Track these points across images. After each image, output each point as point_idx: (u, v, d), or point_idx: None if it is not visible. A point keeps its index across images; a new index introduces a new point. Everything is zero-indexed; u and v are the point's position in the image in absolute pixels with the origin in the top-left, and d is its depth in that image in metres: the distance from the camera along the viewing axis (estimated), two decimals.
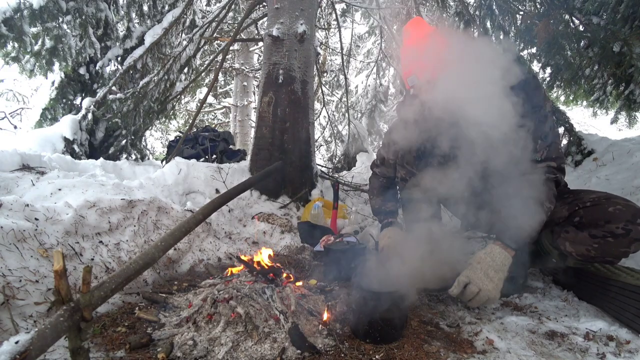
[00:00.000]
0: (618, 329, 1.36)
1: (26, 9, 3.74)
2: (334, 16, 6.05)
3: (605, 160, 2.88)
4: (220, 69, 4.42)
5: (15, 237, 1.34)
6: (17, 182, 1.98)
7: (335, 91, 8.91)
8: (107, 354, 1.12)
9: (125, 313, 1.38)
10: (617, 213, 1.39)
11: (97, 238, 1.66)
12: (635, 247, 1.37)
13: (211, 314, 1.27)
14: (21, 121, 8.56)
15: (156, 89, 4.17)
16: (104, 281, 1.03)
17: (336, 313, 1.42)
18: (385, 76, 7.76)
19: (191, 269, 1.93)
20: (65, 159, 2.73)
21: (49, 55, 4.14)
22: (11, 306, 1.18)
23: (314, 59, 3.16)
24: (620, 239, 1.37)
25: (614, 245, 1.38)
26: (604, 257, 1.43)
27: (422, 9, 5.53)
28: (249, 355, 1.16)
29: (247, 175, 2.97)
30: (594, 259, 1.45)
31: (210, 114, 12.72)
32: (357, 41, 9.05)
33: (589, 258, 1.46)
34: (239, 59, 9.96)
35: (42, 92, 10.51)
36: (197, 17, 4.97)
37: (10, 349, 0.76)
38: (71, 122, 3.77)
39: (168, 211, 2.07)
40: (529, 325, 1.42)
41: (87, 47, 4.46)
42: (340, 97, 7.94)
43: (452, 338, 1.31)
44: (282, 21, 2.94)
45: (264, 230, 2.48)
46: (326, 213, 2.71)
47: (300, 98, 2.98)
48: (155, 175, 2.69)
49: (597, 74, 3.19)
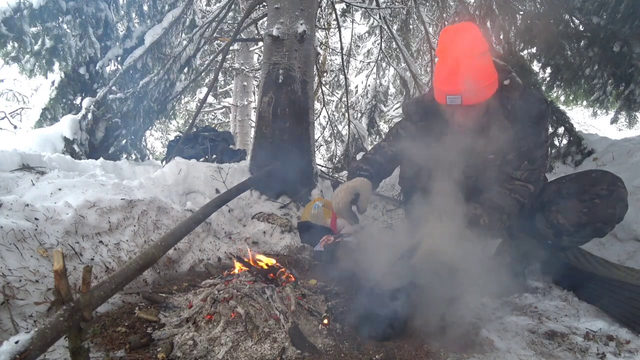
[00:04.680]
0: (618, 329, 1.36)
1: (26, 8, 3.73)
2: (334, 16, 6.05)
3: (605, 160, 2.88)
4: (220, 69, 4.42)
5: (15, 237, 1.34)
6: (17, 182, 1.98)
7: (335, 91, 8.90)
8: (107, 354, 1.12)
9: (125, 313, 1.38)
10: (599, 177, 1.56)
11: (97, 238, 1.66)
12: (620, 208, 1.50)
13: (211, 314, 1.27)
14: (21, 121, 8.57)
15: (156, 89, 4.17)
16: (104, 281, 1.03)
17: (337, 313, 1.42)
18: (385, 76, 7.75)
19: (191, 269, 1.93)
20: (65, 158, 2.73)
21: (49, 55, 4.13)
22: (11, 306, 1.18)
23: (314, 59, 3.16)
24: (605, 199, 1.50)
25: (600, 206, 1.50)
26: (595, 223, 1.53)
27: (422, 8, 5.53)
28: (249, 355, 1.16)
29: (247, 175, 2.97)
30: (586, 227, 1.55)
31: (210, 114, 12.71)
32: (357, 41, 9.04)
33: (581, 226, 1.55)
34: (239, 59, 9.95)
35: (42, 92, 10.48)
36: (197, 17, 4.97)
37: (10, 349, 0.76)
38: (71, 122, 3.77)
39: (168, 211, 2.07)
40: (529, 325, 1.42)
41: (87, 47, 4.45)
42: (340, 97, 7.94)
43: (452, 338, 1.31)
44: (282, 21, 2.94)
45: (264, 230, 2.48)
46: (326, 213, 2.71)
47: (300, 98, 2.98)
48: (155, 175, 2.69)
49: (597, 74, 3.18)
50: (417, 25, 6.13)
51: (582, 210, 1.54)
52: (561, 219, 1.59)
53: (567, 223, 1.58)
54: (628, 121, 3.36)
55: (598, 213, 1.51)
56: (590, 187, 1.54)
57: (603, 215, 1.51)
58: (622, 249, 2.10)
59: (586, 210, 1.53)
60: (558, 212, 1.61)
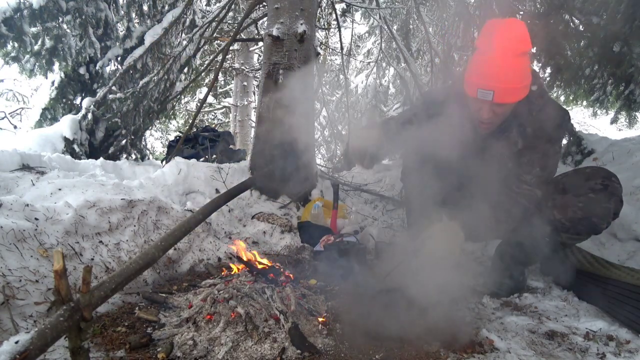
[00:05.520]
0: (618, 329, 1.36)
1: (26, 8, 3.73)
2: (334, 16, 6.05)
3: (605, 160, 2.88)
4: (220, 69, 4.41)
5: (15, 237, 1.34)
6: (17, 182, 1.98)
7: (335, 91, 8.90)
8: (107, 354, 1.12)
9: (125, 313, 1.38)
10: (593, 172, 1.58)
11: (97, 238, 1.66)
12: (615, 202, 1.51)
13: (211, 314, 1.27)
14: (21, 121, 8.56)
15: (156, 89, 4.17)
16: (104, 281, 1.03)
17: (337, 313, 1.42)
18: (385, 76, 7.75)
19: (191, 269, 1.93)
20: (65, 158, 2.73)
21: (49, 55, 4.14)
22: (11, 306, 1.18)
23: (314, 59, 3.16)
24: (599, 194, 1.51)
25: (595, 201, 1.51)
26: (590, 218, 1.53)
27: (422, 8, 5.53)
28: (249, 355, 1.16)
29: (247, 175, 2.97)
30: (581, 222, 1.55)
31: (210, 114, 12.71)
32: (357, 41, 9.04)
33: (576, 221, 1.56)
34: (239, 59, 9.95)
35: (42, 92, 10.48)
36: (197, 17, 4.96)
37: (10, 349, 0.76)
38: (71, 122, 3.77)
39: (168, 211, 2.07)
40: (529, 325, 1.42)
41: (87, 47, 4.45)
42: (340, 97, 7.94)
43: (452, 338, 1.31)
44: (282, 21, 2.93)
45: (264, 230, 2.48)
46: (326, 213, 2.71)
47: (300, 98, 2.97)
48: (155, 175, 2.68)
49: (597, 74, 3.18)
50: (417, 25, 6.13)
51: (577, 205, 1.55)
52: (557, 215, 1.60)
53: (562, 218, 1.59)
54: (628, 121, 3.36)
55: (593, 207, 1.52)
56: (585, 182, 1.56)
57: (598, 211, 1.52)
58: (622, 249, 2.10)
59: (581, 204, 1.54)
60: (554, 207, 1.62)
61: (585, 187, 1.55)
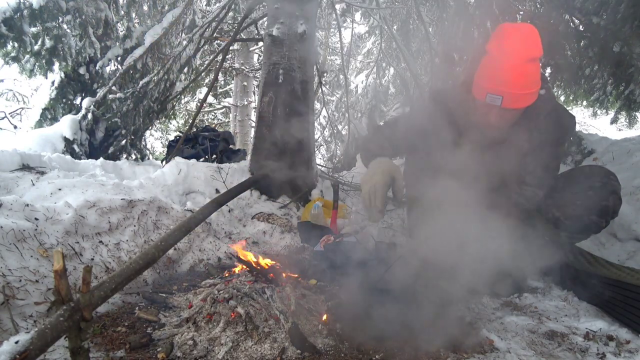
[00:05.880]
0: (618, 329, 1.36)
1: (26, 8, 3.73)
2: (334, 16, 6.05)
3: (605, 160, 2.88)
4: (220, 69, 4.42)
5: (15, 237, 1.34)
6: (17, 182, 1.98)
7: (335, 91, 8.90)
8: (107, 354, 1.12)
9: (125, 313, 1.38)
10: (592, 170, 1.61)
11: (97, 238, 1.66)
12: (613, 200, 1.52)
13: (211, 314, 1.27)
14: (21, 121, 8.57)
15: (156, 89, 4.16)
16: (104, 281, 1.03)
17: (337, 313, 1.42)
18: (385, 76, 7.75)
19: (191, 269, 1.93)
20: (65, 158, 2.73)
21: (49, 55, 4.13)
22: (11, 306, 1.18)
23: (314, 59, 3.16)
24: (598, 191, 1.53)
25: (594, 198, 1.52)
26: (589, 215, 1.55)
27: (422, 8, 5.53)
28: (249, 355, 1.16)
29: (247, 175, 2.97)
30: (580, 220, 1.57)
31: (210, 114, 12.70)
32: (357, 41, 9.04)
33: (575, 219, 1.57)
34: (239, 59, 9.95)
35: (42, 92, 10.45)
36: (197, 17, 4.97)
37: (10, 349, 0.76)
38: (71, 122, 3.77)
39: (168, 211, 2.07)
40: (529, 325, 1.42)
41: (87, 47, 4.45)
42: (340, 97, 7.94)
43: (451, 338, 1.31)
44: (282, 21, 2.93)
45: (264, 230, 2.48)
46: (326, 213, 2.70)
47: (300, 98, 2.97)
48: (155, 175, 2.68)
49: (597, 74, 3.19)
50: (417, 25, 6.12)
51: (575, 203, 1.56)
52: (556, 212, 1.61)
53: (561, 216, 1.60)
54: (628, 121, 3.37)
55: (591, 205, 1.53)
56: (584, 179, 1.58)
57: (596, 207, 1.53)
58: (622, 249, 2.10)
59: (579, 202, 1.55)
60: (553, 205, 1.63)
61: (583, 185, 1.56)
